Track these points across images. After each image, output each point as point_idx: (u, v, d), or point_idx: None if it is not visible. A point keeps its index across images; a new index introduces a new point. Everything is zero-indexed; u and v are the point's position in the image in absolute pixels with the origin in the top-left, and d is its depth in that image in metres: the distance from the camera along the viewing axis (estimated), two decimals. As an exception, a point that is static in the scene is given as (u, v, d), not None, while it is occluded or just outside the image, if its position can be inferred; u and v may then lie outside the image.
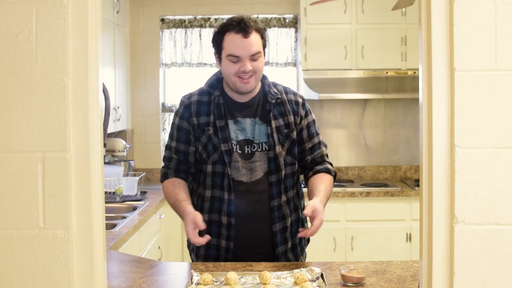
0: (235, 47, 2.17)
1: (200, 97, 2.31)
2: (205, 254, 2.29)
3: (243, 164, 2.25)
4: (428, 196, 1.26)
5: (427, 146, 1.27)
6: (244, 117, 2.29)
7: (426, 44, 1.26)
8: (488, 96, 1.21)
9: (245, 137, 2.27)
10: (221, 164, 2.24)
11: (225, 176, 2.24)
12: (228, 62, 2.20)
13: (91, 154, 1.27)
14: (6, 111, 1.26)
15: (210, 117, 2.27)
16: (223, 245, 2.25)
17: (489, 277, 1.22)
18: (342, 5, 4.68)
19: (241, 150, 2.26)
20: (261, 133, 2.27)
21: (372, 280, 1.97)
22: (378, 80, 4.99)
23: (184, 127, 2.30)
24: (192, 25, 5.13)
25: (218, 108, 2.27)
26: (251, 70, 2.18)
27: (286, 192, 2.29)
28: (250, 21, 2.19)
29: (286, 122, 2.30)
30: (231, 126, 2.27)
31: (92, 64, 1.27)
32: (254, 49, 2.18)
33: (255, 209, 2.25)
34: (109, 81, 4.30)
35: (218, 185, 2.25)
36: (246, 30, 2.16)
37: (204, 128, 2.26)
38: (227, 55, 2.19)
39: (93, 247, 1.27)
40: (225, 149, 2.24)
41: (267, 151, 2.26)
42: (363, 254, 4.37)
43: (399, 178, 5.10)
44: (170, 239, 4.51)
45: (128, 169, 4.57)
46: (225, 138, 2.25)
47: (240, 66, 2.18)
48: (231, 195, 2.23)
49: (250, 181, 2.26)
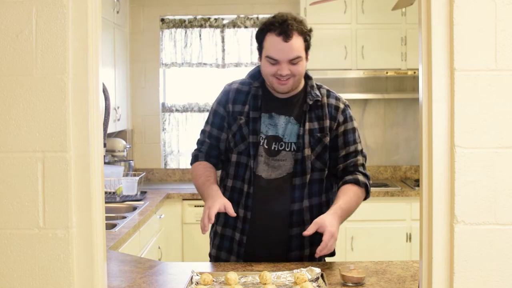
0: (274, 50, 2.12)
1: (241, 86, 2.29)
2: (219, 245, 2.29)
3: (266, 159, 2.21)
4: (428, 196, 1.26)
5: (427, 146, 1.27)
6: (279, 113, 2.24)
7: (426, 44, 1.26)
8: (488, 96, 1.21)
9: (275, 133, 2.22)
10: (246, 156, 2.22)
11: (248, 168, 2.21)
12: (267, 62, 2.16)
13: (91, 154, 1.27)
14: (6, 111, 1.26)
15: (245, 107, 2.24)
16: (237, 238, 2.23)
17: (489, 277, 1.22)
18: (342, 5, 4.68)
19: (268, 146, 2.22)
20: (292, 133, 2.22)
21: (372, 280, 1.97)
22: (378, 80, 4.99)
23: (220, 112, 2.29)
24: (192, 25, 5.13)
25: (255, 99, 2.24)
26: (288, 74, 2.14)
27: (310, 197, 2.22)
28: (293, 23, 2.11)
29: (321, 126, 2.23)
30: (264, 120, 2.23)
31: (92, 64, 1.27)
32: (293, 54, 2.12)
33: (273, 208, 2.20)
34: (109, 81, 4.30)
35: (240, 176, 2.23)
36: (287, 34, 2.10)
37: (237, 116, 2.24)
38: (266, 56, 2.15)
39: (93, 247, 1.27)
40: (252, 141, 2.21)
41: (295, 152, 2.21)
42: (363, 254, 4.37)
43: (399, 178, 5.10)
44: (170, 239, 4.51)
45: (128, 169, 4.58)
46: (255, 130, 2.21)
47: (278, 69, 2.14)
48: (250, 188, 2.20)
49: (269, 178, 2.21)
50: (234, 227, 2.23)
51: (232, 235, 2.25)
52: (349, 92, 4.91)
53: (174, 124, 5.24)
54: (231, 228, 2.25)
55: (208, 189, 2.19)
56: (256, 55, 5.05)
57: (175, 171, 5.19)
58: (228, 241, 2.26)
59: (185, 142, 5.24)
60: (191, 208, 4.53)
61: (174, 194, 4.53)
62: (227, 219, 2.24)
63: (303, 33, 2.14)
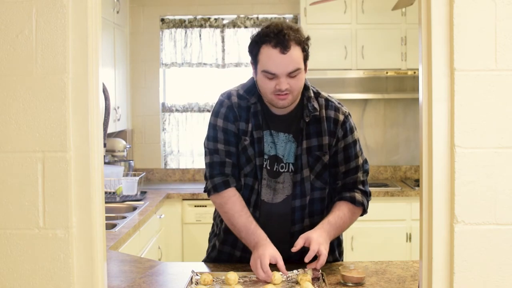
0: (271, 64, 1.95)
1: (239, 101, 2.10)
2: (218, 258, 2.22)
3: (269, 182, 2.10)
4: (428, 196, 1.25)
5: (427, 146, 1.27)
6: (278, 130, 2.10)
7: (426, 44, 1.26)
8: (488, 96, 1.21)
9: (275, 153, 2.10)
10: (251, 178, 2.09)
11: (254, 191, 2.09)
12: (263, 77, 1.98)
13: (91, 154, 1.27)
14: (6, 111, 1.26)
15: (248, 125, 2.08)
16: (237, 255, 2.17)
17: (489, 277, 1.22)
18: (342, 5, 4.68)
19: (270, 167, 2.09)
20: (290, 153, 2.09)
21: (372, 280, 1.97)
22: (378, 80, 4.99)
23: (231, 129, 2.09)
24: (192, 25, 5.13)
25: (256, 116, 2.08)
26: (287, 88, 1.96)
27: (311, 216, 2.11)
28: (290, 32, 1.94)
29: (320, 143, 2.09)
30: (266, 138, 2.09)
31: (92, 64, 1.27)
32: (292, 66, 1.95)
33: (275, 232, 2.05)
34: (109, 81, 4.30)
35: (245, 199, 2.09)
36: (284, 45, 1.92)
37: (241, 136, 2.08)
38: (262, 71, 1.98)
39: (93, 247, 1.27)
40: (259, 163, 2.07)
41: (293, 174, 2.09)
42: (363, 254, 4.37)
43: (399, 178, 5.10)
44: (170, 239, 4.51)
45: (128, 169, 4.58)
46: (261, 152, 2.08)
47: (276, 84, 1.96)
48: (256, 212, 2.09)
49: (272, 202, 2.11)
50: (235, 245, 2.17)
51: (231, 252, 2.19)
52: (349, 92, 4.91)
53: (174, 124, 5.24)
54: (230, 246, 2.19)
55: (255, 236, 2.01)
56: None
57: (175, 171, 5.19)
58: (226, 257, 2.20)
59: (185, 142, 5.25)
60: (191, 208, 4.53)
61: (174, 194, 4.53)
62: (230, 238, 2.15)
63: (301, 43, 1.98)
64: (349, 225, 2.14)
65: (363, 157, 2.18)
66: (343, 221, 2.08)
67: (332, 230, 2.04)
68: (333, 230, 2.05)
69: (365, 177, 2.17)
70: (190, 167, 5.18)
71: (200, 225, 4.48)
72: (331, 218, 2.06)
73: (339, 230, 2.11)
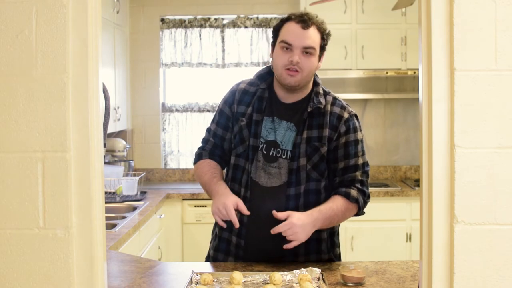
0: (290, 35, 2.08)
1: (248, 87, 2.26)
2: (216, 246, 2.27)
3: (264, 165, 2.16)
4: (428, 196, 1.25)
5: (427, 146, 1.27)
6: (281, 118, 2.18)
7: (426, 44, 1.26)
8: (488, 96, 1.21)
9: (274, 139, 2.17)
10: (243, 159, 2.19)
11: (245, 172, 2.18)
12: (280, 49, 2.11)
13: (91, 154, 1.27)
14: (6, 111, 1.26)
15: (249, 109, 2.21)
16: (234, 241, 2.21)
17: (489, 277, 1.22)
18: (342, 5, 4.68)
19: (267, 151, 2.17)
20: (290, 140, 2.16)
21: (372, 280, 1.97)
22: (378, 80, 4.99)
23: (225, 112, 2.26)
24: (192, 25, 5.13)
25: (260, 101, 2.20)
26: (298, 64, 2.08)
27: (305, 207, 2.12)
28: (314, 17, 2.12)
29: (320, 135, 2.15)
30: (265, 124, 2.18)
31: (92, 64, 1.27)
32: (308, 42, 2.08)
33: (268, 217, 2.07)
34: (109, 81, 4.30)
35: (237, 180, 2.20)
36: (306, 23, 2.08)
37: (239, 118, 2.21)
38: (280, 41, 2.10)
39: (93, 247, 1.27)
40: (252, 144, 2.17)
41: (290, 161, 2.15)
42: (363, 254, 4.37)
43: (399, 178, 5.10)
44: (170, 239, 4.51)
45: (128, 169, 4.58)
46: (256, 134, 2.18)
47: (289, 56, 2.08)
48: (247, 192, 2.16)
49: (267, 186, 2.16)
50: (231, 230, 2.20)
51: (229, 238, 2.23)
52: (349, 92, 4.92)
53: (174, 124, 5.24)
54: (227, 231, 2.22)
55: (216, 186, 2.17)
56: (256, 54, 5.13)
57: (175, 171, 5.19)
58: (225, 243, 2.24)
59: (185, 142, 5.25)
60: (191, 208, 4.53)
61: (174, 194, 4.53)
62: None
63: (321, 29, 2.12)
64: (341, 219, 2.16)
65: (365, 159, 2.21)
66: (334, 213, 2.10)
67: (320, 219, 2.07)
68: (322, 219, 2.08)
69: (364, 178, 2.19)
70: (190, 167, 5.18)
71: (200, 225, 4.48)
72: (322, 207, 2.10)
73: (328, 221, 2.11)
